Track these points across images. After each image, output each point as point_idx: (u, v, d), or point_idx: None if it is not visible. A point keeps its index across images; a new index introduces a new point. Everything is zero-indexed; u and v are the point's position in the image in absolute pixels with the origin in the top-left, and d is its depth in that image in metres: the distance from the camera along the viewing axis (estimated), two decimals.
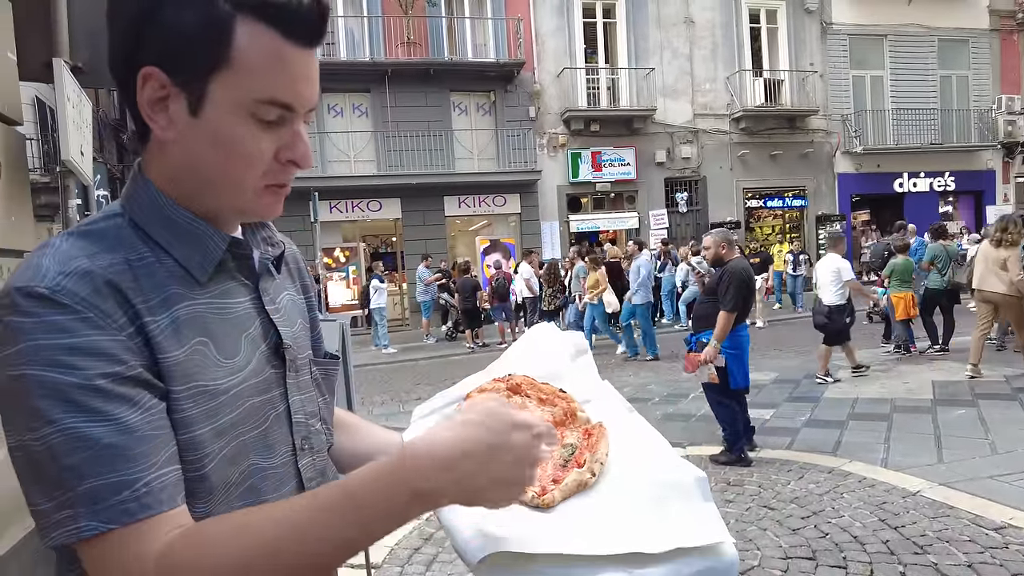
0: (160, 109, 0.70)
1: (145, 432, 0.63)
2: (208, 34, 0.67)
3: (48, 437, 0.60)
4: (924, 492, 4.09)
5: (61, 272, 0.64)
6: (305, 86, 0.72)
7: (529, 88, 16.48)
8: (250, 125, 0.70)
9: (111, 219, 0.73)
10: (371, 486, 0.64)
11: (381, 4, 15.56)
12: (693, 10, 17.43)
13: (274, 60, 0.69)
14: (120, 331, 0.64)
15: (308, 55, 0.72)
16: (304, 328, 0.90)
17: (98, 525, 0.60)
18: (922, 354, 8.58)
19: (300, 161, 0.74)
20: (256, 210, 0.77)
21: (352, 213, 15.90)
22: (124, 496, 0.61)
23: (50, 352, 0.61)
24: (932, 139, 18.73)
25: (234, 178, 0.72)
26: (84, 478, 0.60)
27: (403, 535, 3.86)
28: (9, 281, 0.64)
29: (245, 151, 0.71)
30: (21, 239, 2.36)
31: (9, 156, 2.29)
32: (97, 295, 0.64)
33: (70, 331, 0.62)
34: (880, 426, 5.60)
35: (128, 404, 0.63)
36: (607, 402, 0.95)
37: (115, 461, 0.61)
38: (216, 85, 0.68)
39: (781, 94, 18.07)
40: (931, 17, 18.71)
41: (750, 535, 3.63)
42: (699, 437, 5.59)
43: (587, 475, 0.78)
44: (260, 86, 0.69)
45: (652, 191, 17.44)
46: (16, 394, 0.61)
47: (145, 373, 0.65)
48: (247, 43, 0.67)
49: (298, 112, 0.73)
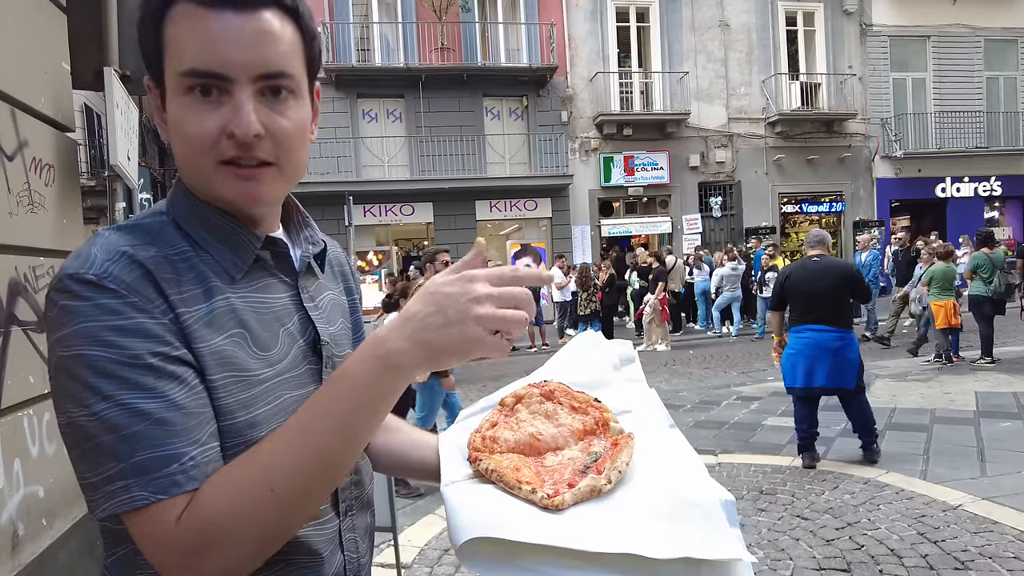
0: (161, 115, 0.76)
1: (192, 409, 0.66)
2: (148, 25, 0.72)
3: (102, 412, 0.63)
4: (966, 506, 3.97)
5: (108, 259, 0.68)
6: (231, 49, 0.69)
7: (562, 92, 16.48)
8: (191, 103, 0.71)
9: (156, 216, 0.77)
10: (346, 367, 0.68)
11: (415, 10, 15.74)
12: (728, 13, 17.24)
13: (191, 30, 0.70)
14: (163, 315, 0.68)
15: (230, 17, 0.69)
16: (345, 327, 0.92)
17: (149, 495, 0.63)
18: (972, 364, 8.33)
19: (237, 132, 0.70)
20: (223, 194, 0.75)
21: (385, 217, 16.09)
22: (173, 469, 0.64)
23: (102, 332, 0.64)
24: (977, 142, 18.16)
25: (193, 161, 0.73)
26: (136, 451, 0.63)
27: (432, 537, 3.90)
28: (62, 268, 0.69)
29: (188, 131, 0.71)
30: (71, 241, 2.46)
31: (61, 161, 2.39)
32: (140, 281, 0.68)
33: (119, 313, 0.65)
34: (919, 437, 5.45)
35: (176, 381, 0.66)
36: (647, 414, 0.92)
37: (165, 435, 0.64)
38: (167, 74, 0.72)
39: (818, 97, 17.74)
40: (977, 17, 18.17)
41: (782, 545, 3.57)
42: (731, 445, 5.52)
43: (603, 482, 0.76)
44: (180, 58, 0.70)
45: (685, 195, 17.27)
46: (71, 372, 0.65)
47: (188, 354, 0.68)
48: (173, 22, 0.70)
49: (236, 80, 0.70)
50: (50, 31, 2.38)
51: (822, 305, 4.82)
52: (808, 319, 4.82)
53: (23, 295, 2.11)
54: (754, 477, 4.68)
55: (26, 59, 2.19)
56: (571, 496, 0.74)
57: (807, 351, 4.81)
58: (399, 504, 3.64)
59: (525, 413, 0.86)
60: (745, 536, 0.76)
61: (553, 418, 0.85)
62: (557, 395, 0.90)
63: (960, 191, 18.46)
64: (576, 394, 0.91)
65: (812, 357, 4.79)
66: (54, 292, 0.67)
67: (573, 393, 0.91)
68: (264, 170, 0.74)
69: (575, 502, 0.75)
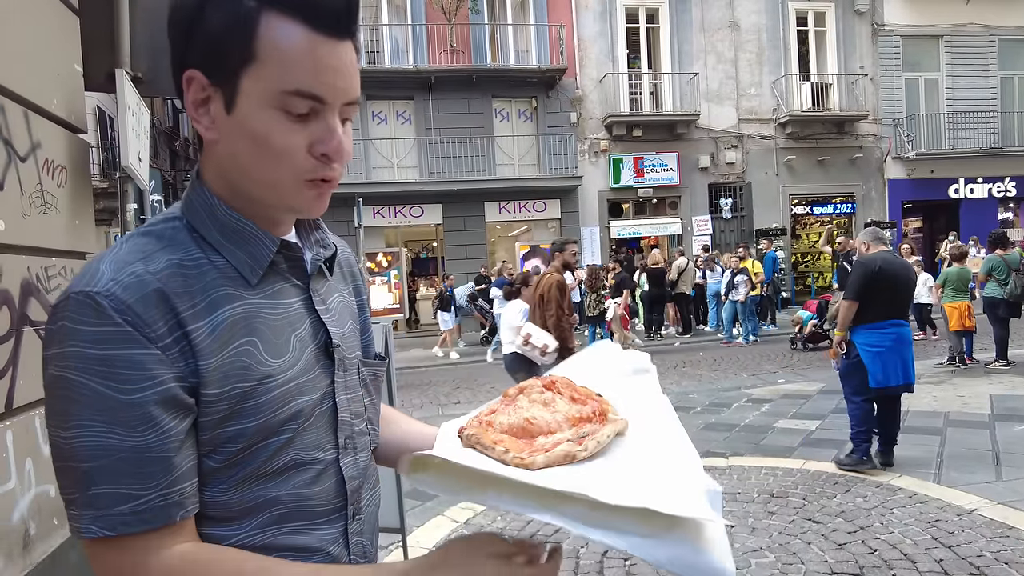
0: (204, 110, 0.73)
1: (159, 452, 0.67)
2: (235, 31, 0.69)
3: (75, 438, 0.65)
4: (981, 510, 3.92)
5: (114, 279, 0.68)
6: (335, 77, 0.72)
7: (571, 94, 16.47)
8: (280, 119, 0.71)
9: (169, 222, 0.77)
10: None
11: (425, 12, 15.78)
12: (738, 14, 17.17)
13: (298, 51, 0.69)
14: (158, 342, 0.67)
15: (337, 45, 0.71)
16: (354, 329, 0.92)
17: (97, 530, 0.65)
18: (987, 366, 8.24)
19: (332, 155, 0.73)
20: (298, 206, 0.77)
21: (394, 218, 16.12)
22: (124, 508, 0.65)
23: (91, 360, 0.65)
24: (991, 143, 17.98)
25: (269, 173, 0.73)
26: (94, 484, 0.65)
27: (441, 538, 3.89)
28: (71, 283, 0.69)
29: (275, 145, 0.71)
30: (83, 242, 2.47)
31: (74, 162, 2.40)
32: (142, 303, 0.67)
33: (111, 342, 0.65)
34: (932, 440, 5.39)
35: (149, 424, 0.66)
36: (652, 411, 0.89)
37: (126, 474, 0.65)
38: (246, 81, 0.70)
39: (829, 98, 17.62)
40: (991, 16, 18.00)
41: (794, 549, 3.54)
42: (741, 448, 5.48)
43: (578, 448, 0.73)
44: (286, 77, 0.70)
45: (695, 197, 17.21)
46: (57, 392, 0.66)
47: (175, 388, 0.68)
48: (272, 36, 0.69)
49: (330, 104, 0.72)
50: (64, 34, 2.40)
51: (908, 299, 4.91)
52: (893, 313, 4.72)
53: (35, 295, 2.12)
54: (765, 480, 4.65)
55: (40, 61, 2.21)
56: (543, 459, 0.72)
57: (897, 347, 4.66)
58: (408, 505, 3.64)
59: (524, 401, 0.86)
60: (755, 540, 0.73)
61: (550, 405, 0.84)
62: (558, 386, 0.90)
63: (974, 192, 18.27)
64: (578, 387, 0.90)
65: (903, 353, 4.69)
66: (59, 307, 0.68)
67: (575, 386, 0.90)
68: (329, 185, 0.77)
69: (546, 465, 0.72)
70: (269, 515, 0.75)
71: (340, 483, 0.82)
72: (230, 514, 0.73)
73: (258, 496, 0.74)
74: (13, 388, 1.96)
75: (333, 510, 0.81)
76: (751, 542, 3.63)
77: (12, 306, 1.99)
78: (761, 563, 3.40)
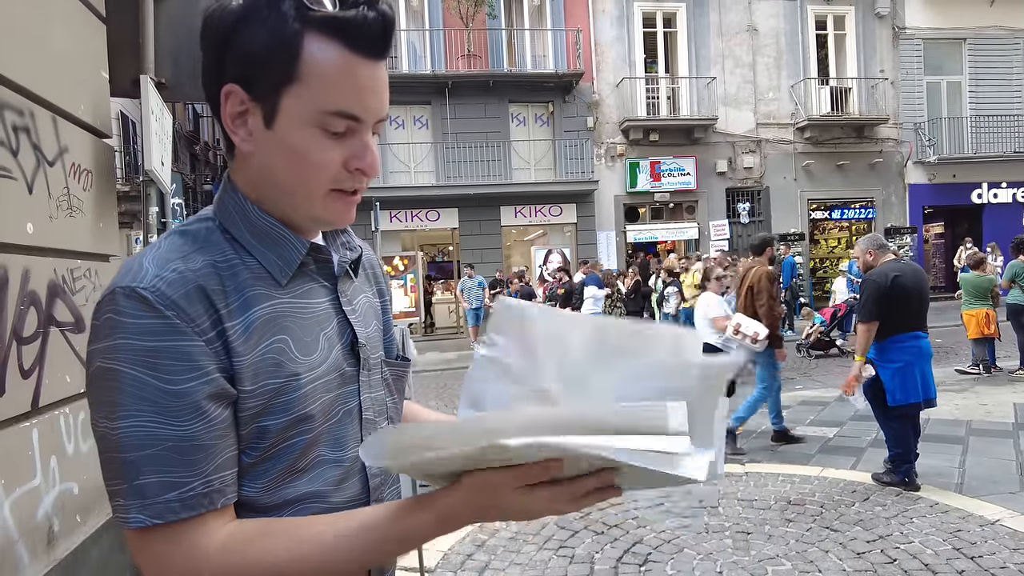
0: (240, 123, 0.76)
1: (204, 441, 0.69)
2: (279, 51, 0.71)
3: (121, 429, 0.67)
4: (1004, 521, 3.85)
5: (158, 275, 0.70)
6: (371, 97, 0.75)
7: (588, 98, 16.46)
8: (319, 135, 0.74)
9: (203, 222, 0.80)
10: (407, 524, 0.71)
11: (442, 18, 15.88)
12: (757, 18, 17.08)
13: (340, 73, 0.72)
14: (202, 335, 0.70)
15: (374, 67, 0.74)
16: (378, 329, 0.94)
17: (145, 519, 0.67)
18: (1011, 374, 8.09)
19: (367, 170, 0.77)
20: (327, 216, 0.80)
21: (411, 223, 16.21)
22: (171, 496, 0.67)
23: (139, 351, 0.67)
24: (1016, 147, 17.67)
25: (305, 185, 0.76)
26: (141, 474, 0.67)
27: (456, 540, 3.90)
28: (115, 279, 0.71)
29: (314, 160, 0.74)
30: (107, 244, 2.52)
31: (99, 167, 2.45)
32: (186, 299, 0.70)
33: (159, 334, 0.68)
34: (954, 449, 5.31)
35: (196, 413, 0.68)
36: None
37: (173, 463, 0.67)
38: (288, 99, 0.73)
39: (849, 102, 17.46)
40: (1016, 18, 17.72)
41: (811, 557, 3.50)
42: (759, 455, 5.43)
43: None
44: (327, 98, 0.72)
45: (712, 201, 17.11)
46: (104, 384, 0.68)
47: (220, 379, 0.70)
48: (315, 58, 0.71)
49: (365, 122, 0.76)
50: (91, 41, 2.45)
51: (925, 307, 4.55)
52: (912, 325, 4.44)
53: (61, 297, 2.16)
54: (782, 487, 4.60)
55: (68, 68, 2.26)
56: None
57: (919, 361, 4.39)
58: None
59: None
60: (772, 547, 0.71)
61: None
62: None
63: (997, 197, 17.97)
64: None
65: (924, 367, 4.42)
66: (104, 302, 0.70)
67: None
68: (355, 196, 0.80)
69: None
70: (295, 511, 0.77)
71: (364, 480, 0.85)
72: (257, 510, 0.75)
73: (286, 493, 0.76)
74: (40, 387, 2.00)
75: (355, 507, 0.82)
76: (768, 549, 3.60)
77: (40, 307, 2.04)
78: (778, 571, 3.37)
